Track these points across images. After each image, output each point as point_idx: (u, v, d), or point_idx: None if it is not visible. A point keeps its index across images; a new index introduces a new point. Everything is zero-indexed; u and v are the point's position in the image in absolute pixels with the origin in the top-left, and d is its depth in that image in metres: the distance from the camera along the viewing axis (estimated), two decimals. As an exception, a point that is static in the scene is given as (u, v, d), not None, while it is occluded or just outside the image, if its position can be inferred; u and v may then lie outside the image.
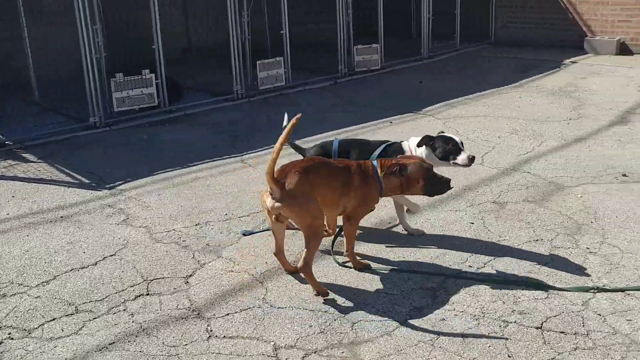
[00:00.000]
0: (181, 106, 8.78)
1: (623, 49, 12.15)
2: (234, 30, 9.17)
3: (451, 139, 4.56)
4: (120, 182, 6.00)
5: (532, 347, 3.30)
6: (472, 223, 4.87)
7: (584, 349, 3.26)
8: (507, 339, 3.38)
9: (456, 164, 4.54)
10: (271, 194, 3.85)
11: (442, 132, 4.77)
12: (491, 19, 13.97)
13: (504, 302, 3.74)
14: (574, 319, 3.53)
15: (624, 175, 5.80)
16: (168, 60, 8.47)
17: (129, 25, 9.89)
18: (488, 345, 3.34)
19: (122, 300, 3.93)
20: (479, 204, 5.25)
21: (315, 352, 3.35)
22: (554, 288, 3.85)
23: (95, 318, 3.74)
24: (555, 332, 3.43)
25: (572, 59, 11.76)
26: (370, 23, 11.32)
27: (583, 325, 3.47)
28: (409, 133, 7.39)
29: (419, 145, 4.57)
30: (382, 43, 11.25)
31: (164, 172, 6.27)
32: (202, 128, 8.04)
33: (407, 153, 4.60)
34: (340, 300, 3.85)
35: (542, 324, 3.49)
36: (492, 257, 4.32)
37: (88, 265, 4.39)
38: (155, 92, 8.30)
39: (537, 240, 4.57)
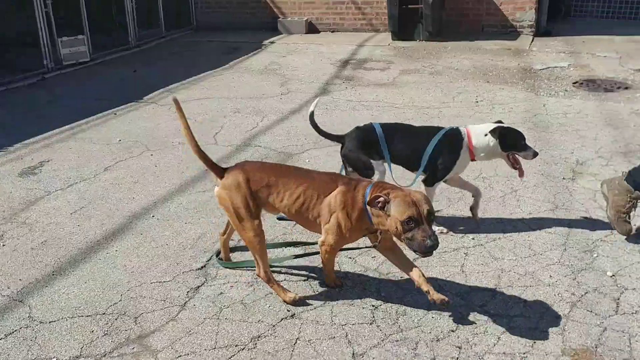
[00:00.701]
0: None
1: (311, 28, 13.54)
2: None
3: (521, 133, 4.24)
4: None
5: (305, 295, 3.74)
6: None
7: (348, 287, 3.81)
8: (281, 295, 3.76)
9: (513, 158, 4.26)
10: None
11: (501, 122, 4.38)
12: (191, 5, 14.27)
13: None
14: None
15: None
16: None
17: None
18: (268, 305, 3.68)
19: None
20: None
21: (105, 356, 3.30)
22: (307, 244, 4.32)
23: None
24: (319, 280, 3.91)
25: (270, 40, 12.72)
26: (75, 14, 10.69)
27: (340, 269, 4.02)
28: (136, 122, 7.37)
29: (487, 134, 4.18)
30: (89, 33, 10.73)
31: None
32: None
33: (466, 141, 4.21)
34: (116, 299, 3.80)
35: (307, 277, 3.94)
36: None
37: None
38: None
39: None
